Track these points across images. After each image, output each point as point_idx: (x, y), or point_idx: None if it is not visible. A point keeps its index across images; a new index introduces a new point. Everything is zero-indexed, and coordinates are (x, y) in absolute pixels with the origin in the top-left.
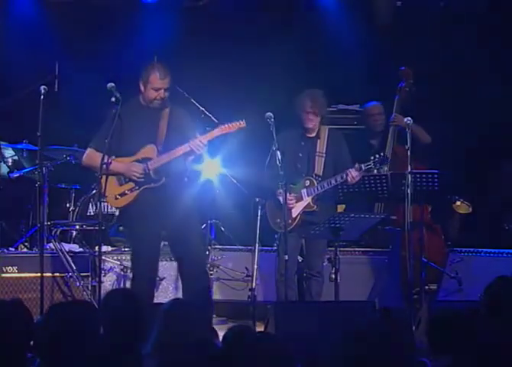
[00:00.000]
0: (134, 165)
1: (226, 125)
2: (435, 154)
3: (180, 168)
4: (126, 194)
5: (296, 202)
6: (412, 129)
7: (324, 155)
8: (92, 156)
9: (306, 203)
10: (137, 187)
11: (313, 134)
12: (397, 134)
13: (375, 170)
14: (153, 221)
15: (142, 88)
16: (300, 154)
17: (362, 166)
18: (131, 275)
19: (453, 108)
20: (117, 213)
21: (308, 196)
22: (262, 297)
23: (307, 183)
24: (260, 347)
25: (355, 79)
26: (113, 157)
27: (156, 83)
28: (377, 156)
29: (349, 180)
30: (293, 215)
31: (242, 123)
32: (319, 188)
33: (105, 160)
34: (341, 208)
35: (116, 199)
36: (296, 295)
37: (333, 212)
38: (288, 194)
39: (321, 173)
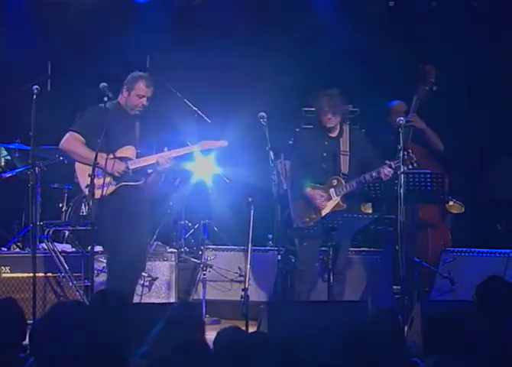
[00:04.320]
0: (116, 162)
1: (206, 142)
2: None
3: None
4: (104, 187)
5: (326, 201)
6: (428, 134)
7: (348, 154)
8: (73, 141)
9: (335, 203)
10: (115, 182)
11: (335, 134)
12: (413, 134)
13: (404, 168)
14: (131, 219)
15: (126, 93)
16: (325, 154)
17: (392, 164)
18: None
19: (448, 107)
20: None
21: (337, 195)
22: (255, 297)
23: (334, 182)
24: (252, 347)
25: (349, 79)
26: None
27: (141, 90)
28: (406, 153)
29: (383, 177)
30: (323, 214)
31: (225, 142)
32: (349, 187)
33: (101, 160)
34: (367, 207)
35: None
36: (314, 289)
37: (358, 209)
38: (318, 192)
39: (347, 172)
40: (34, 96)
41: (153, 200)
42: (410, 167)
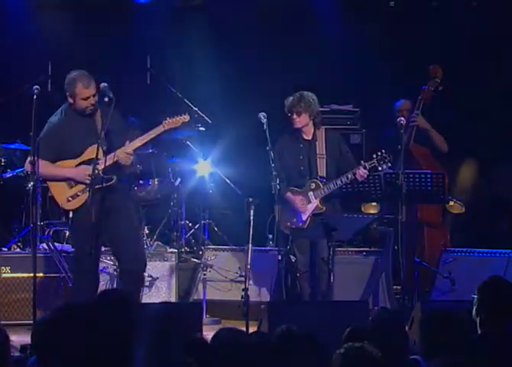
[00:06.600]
0: (83, 168)
1: (169, 120)
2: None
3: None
4: (78, 195)
5: (306, 204)
6: (432, 135)
7: (325, 157)
8: (48, 167)
9: (315, 205)
10: (87, 189)
11: (310, 137)
12: (415, 134)
13: (379, 168)
14: (109, 221)
15: (71, 100)
16: (301, 157)
17: (366, 164)
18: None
19: (449, 107)
20: None
21: (316, 198)
22: (255, 297)
23: (312, 185)
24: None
25: (350, 79)
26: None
27: (83, 93)
28: (379, 154)
29: (358, 178)
30: (304, 218)
31: (186, 117)
32: (326, 189)
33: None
34: (368, 207)
35: (69, 201)
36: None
37: (339, 209)
38: (298, 196)
39: (324, 175)
40: (34, 96)
41: (153, 201)
42: (384, 166)
